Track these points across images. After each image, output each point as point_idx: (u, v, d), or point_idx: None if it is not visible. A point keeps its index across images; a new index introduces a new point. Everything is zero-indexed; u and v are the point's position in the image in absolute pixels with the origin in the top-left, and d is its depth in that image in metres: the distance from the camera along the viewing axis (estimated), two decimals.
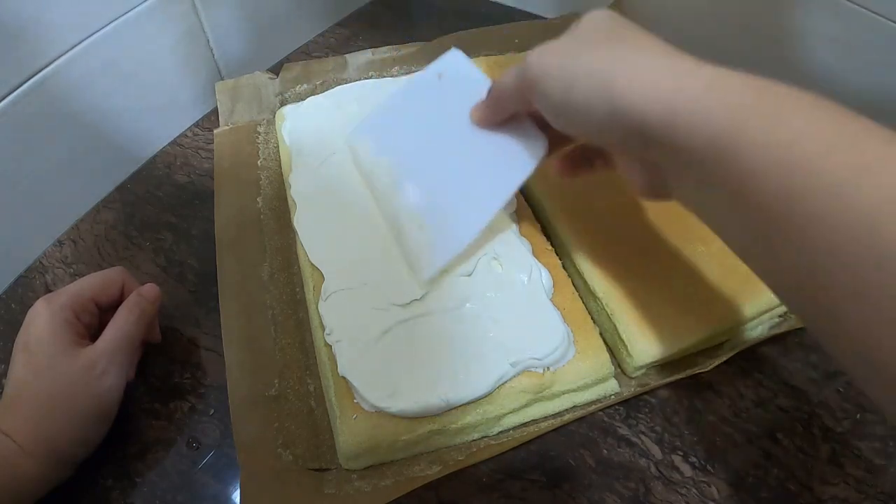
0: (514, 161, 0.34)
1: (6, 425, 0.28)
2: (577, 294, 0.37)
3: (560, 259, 0.38)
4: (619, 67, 0.24)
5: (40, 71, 0.38)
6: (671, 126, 0.22)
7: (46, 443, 0.29)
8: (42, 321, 0.31)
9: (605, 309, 0.36)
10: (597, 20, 0.28)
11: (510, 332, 0.33)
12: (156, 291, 0.36)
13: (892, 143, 0.18)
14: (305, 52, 0.60)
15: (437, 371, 0.32)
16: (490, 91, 0.34)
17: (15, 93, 0.37)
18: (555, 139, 0.33)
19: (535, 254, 0.37)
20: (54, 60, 0.39)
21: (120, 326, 0.33)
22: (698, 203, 0.24)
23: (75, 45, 0.40)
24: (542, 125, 0.32)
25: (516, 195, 0.40)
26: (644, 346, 0.34)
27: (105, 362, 0.31)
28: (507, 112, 0.33)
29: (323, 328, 0.34)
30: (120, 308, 0.34)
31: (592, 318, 0.36)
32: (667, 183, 0.25)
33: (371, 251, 0.37)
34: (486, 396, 0.32)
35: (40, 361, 0.30)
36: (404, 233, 0.36)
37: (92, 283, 0.34)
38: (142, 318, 0.34)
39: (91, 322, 0.34)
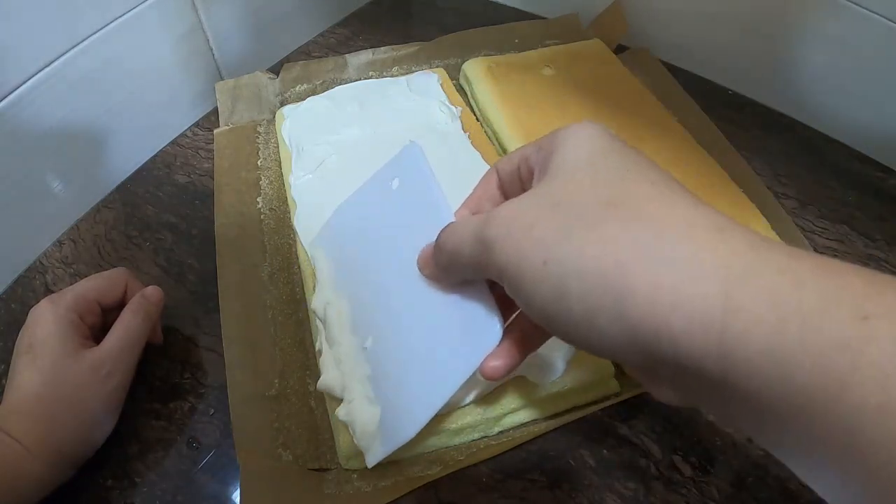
0: (463, 339, 0.26)
1: (10, 427, 0.28)
2: None
3: None
4: (632, 267, 0.17)
5: (40, 71, 0.38)
6: (724, 369, 0.16)
7: (52, 445, 0.29)
8: (47, 322, 0.31)
9: None
10: (583, 155, 0.20)
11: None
12: (159, 294, 0.36)
13: None
14: (305, 52, 0.60)
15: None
16: (438, 248, 0.25)
17: (15, 92, 0.37)
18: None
19: None
20: (55, 60, 0.39)
21: (125, 328, 0.33)
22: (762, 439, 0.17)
23: (76, 45, 0.40)
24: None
25: None
26: None
27: (111, 364, 0.31)
28: (460, 279, 0.26)
29: None
30: (125, 310, 0.34)
31: None
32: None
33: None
34: (485, 396, 0.32)
35: (45, 363, 0.30)
36: (355, 398, 0.31)
37: (95, 284, 0.34)
38: (146, 320, 0.34)
39: (94, 323, 0.34)
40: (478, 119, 0.49)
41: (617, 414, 0.35)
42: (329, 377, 0.32)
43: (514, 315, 0.26)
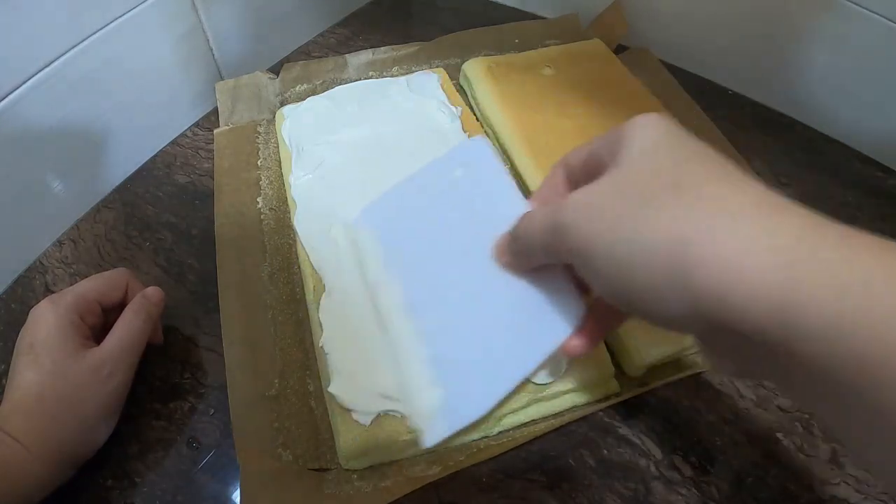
0: (544, 320, 0.28)
1: (10, 427, 0.28)
2: None
3: None
4: (697, 241, 0.18)
5: (41, 71, 0.38)
6: (785, 337, 0.16)
7: (52, 445, 0.29)
8: (48, 322, 0.31)
9: None
10: (649, 144, 0.22)
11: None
12: (160, 294, 0.36)
13: None
14: (305, 52, 0.60)
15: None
16: (513, 236, 0.28)
17: (15, 92, 0.37)
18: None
19: None
20: (54, 60, 0.39)
21: (126, 328, 0.33)
22: (826, 412, 0.18)
23: (75, 45, 0.40)
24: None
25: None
26: (644, 345, 0.34)
27: (112, 364, 0.31)
28: (535, 265, 0.28)
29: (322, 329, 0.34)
30: (126, 310, 0.34)
31: None
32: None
33: None
34: None
35: (46, 363, 0.30)
36: (411, 380, 0.31)
37: (96, 285, 0.34)
38: (147, 320, 0.34)
39: (95, 323, 0.34)
40: (478, 119, 0.49)
41: (617, 414, 0.35)
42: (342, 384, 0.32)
43: (591, 298, 0.28)
